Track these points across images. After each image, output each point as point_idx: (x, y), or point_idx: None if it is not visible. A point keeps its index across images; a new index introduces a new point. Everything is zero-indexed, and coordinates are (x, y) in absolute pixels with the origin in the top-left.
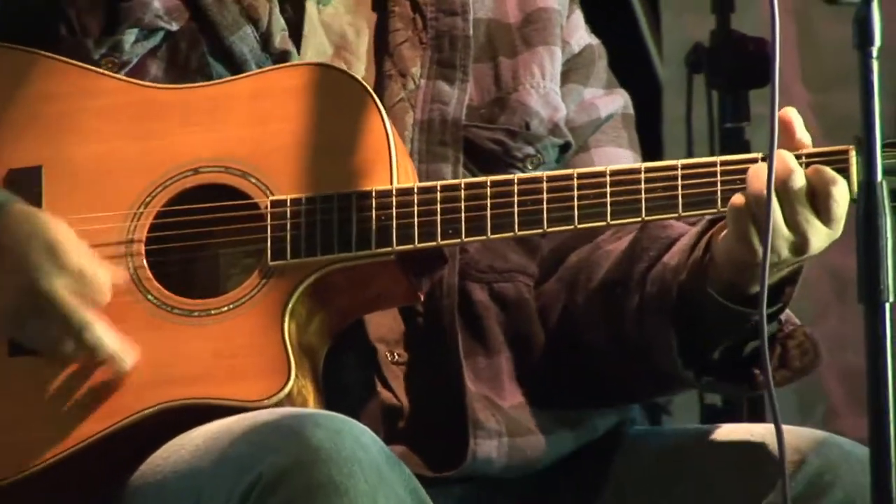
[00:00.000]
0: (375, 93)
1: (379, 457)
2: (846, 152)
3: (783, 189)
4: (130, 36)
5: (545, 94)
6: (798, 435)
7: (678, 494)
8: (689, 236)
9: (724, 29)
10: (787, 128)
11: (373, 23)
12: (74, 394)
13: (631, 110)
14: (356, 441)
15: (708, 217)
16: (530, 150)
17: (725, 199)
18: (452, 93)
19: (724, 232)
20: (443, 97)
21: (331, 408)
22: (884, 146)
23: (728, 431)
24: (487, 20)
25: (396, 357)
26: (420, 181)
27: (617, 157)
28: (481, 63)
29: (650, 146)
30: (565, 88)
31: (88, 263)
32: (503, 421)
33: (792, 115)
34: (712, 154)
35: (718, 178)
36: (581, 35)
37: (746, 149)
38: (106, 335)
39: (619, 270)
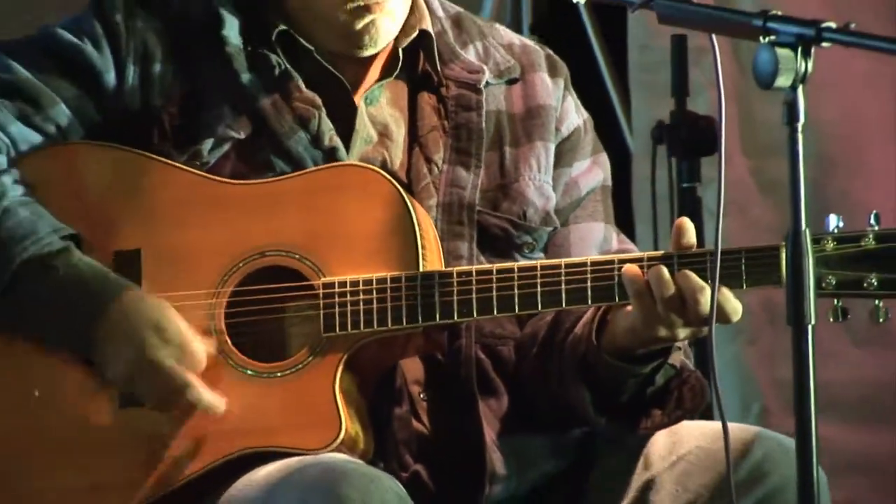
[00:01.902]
0: (408, 175)
1: None
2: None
3: (660, 296)
4: (207, 145)
5: (539, 185)
6: (744, 430)
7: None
8: (592, 310)
9: (681, 109)
10: (681, 232)
11: (407, 113)
12: (171, 442)
13: (609, 182)
14: (381, 500)
15: None
16: (528, 238)
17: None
18: (468, 178)
19: (627, 310)
20: (460, 182)
21: (379, 435)
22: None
23: (687, 428)
24: (497, 111)
25: (424, 395)
26: (443, 257)
27: (590, 230)
28: (491, 151)
29: (622, 203)
30: (556, 173)
31: (187, 338)
32: (514, 463)
33: (685, 223)
34: (672, 208)
35: (675, 267)
36: (571, 120)
37: (699, 204)
38: (202, 393)
39: (545, 340)
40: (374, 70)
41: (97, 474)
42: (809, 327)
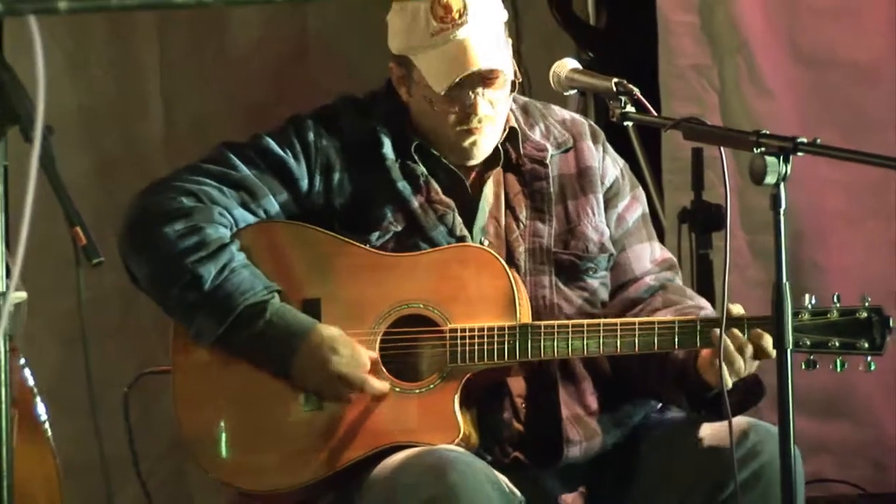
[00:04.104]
0: (503, 230)
1: (489, 488)
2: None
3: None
4: (374, 235)
5: (595, 226)
6: (743, 421)
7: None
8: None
9: (698, 199)
10: (731, 312)
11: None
12: (339, 435)
13: (646, 210)
14: (475, 479)
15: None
16: (591, 265)
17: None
18: (544, 229)
19: (705, 360)
20: (539, 233)
21: (488, 433)
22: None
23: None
24: (559, 175)
25: (524, 405)
26: (528, 290)
27: (642, 250)
28: (559, 205)
29: None
30: (608, 214)
31: (356, 350)
32: (582, 431)
33: (739, 308)
34: (692, 269)
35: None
36: (611, 174)
37: (710, 266)
38: (374, 384)
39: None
40: (480, 164)
41: (286, 455)
42: (788, 350)
